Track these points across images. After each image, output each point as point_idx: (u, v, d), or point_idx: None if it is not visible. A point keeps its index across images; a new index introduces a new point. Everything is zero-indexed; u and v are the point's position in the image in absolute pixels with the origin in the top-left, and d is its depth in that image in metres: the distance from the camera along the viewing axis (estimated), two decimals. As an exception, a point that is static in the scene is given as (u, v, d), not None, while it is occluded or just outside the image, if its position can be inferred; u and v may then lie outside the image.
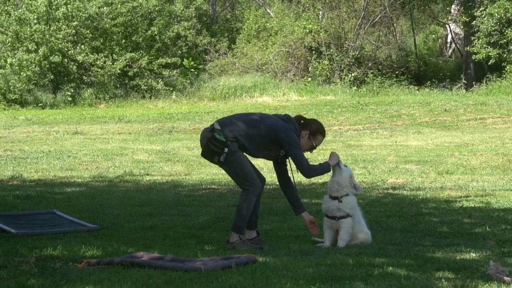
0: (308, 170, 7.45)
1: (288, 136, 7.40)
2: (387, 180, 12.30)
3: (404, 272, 6.23)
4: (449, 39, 38.84)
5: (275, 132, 7.41)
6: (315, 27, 33.30)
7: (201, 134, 7.54)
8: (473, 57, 32.55)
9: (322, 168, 7.54)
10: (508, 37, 31.46)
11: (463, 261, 6.73)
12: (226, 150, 7.33)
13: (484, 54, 31.66)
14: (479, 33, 32.21)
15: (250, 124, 7.44)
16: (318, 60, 33.22)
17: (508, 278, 5.97)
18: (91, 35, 31.29)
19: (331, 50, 33.17)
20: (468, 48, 32.99)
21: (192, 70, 32.79)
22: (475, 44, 32.25)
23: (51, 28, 30.44)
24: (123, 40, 31.96)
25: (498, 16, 31.48)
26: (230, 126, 7.42)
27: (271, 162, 7.81)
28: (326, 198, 7.66)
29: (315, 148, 7.66)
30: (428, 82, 32.68)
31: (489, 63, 31.98)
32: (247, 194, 7.44)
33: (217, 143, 7.33)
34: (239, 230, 7.48)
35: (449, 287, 5.83)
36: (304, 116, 7.80)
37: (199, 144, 7.65)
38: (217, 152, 7.36)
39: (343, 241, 7.53)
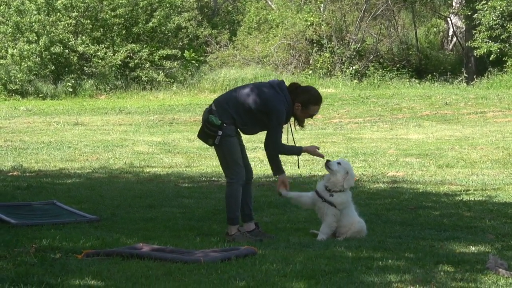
0: (276, 146, 7.42)
1: (276, 115, 7.36)
2: (387, 173, 12.29)
3: (403, 265, 6.23)
4: (450, 33, 38.76)
5: (268, 106, 7.37)
6: (317, 19, 33.23)
7: (202, 114, 7.61)
8: (474, 52, 32.38)
9: (290, 150, 7.54)
10: (510, 31, 31.34)
11: (463, 254, 6.73)
12: (219, 133, 7.36)
13: (485, 49, 31.54)
14: (480, 26, 32.07)
15: (245, 101, 7.42)
16: (319, 53, 33.16)
17: (507, 272, 5.97)
18: (91, 26, 31.26)
19: (333, 43, 33.12)
20: (469, 44, 32.86)
21: (193, 62, 32.74)
22: (476, 38, 32.11)
23: (51, 19, 30.40)
24: (124, 31, 31.91)
25: (501, 9, 31.36)
26: (225, 105, 7.45)
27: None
28: (322, 184, 7.61)
29: (313, 115, 7.66)
30: (429, 75, 32.60)
31: (491, 58, 31.85)
32: (231, 185, 7.50)
33: (211, 126, 7.39)
34: (233, 221, 7.51)
35: (449, 280, 5.83)
36: (300, 84, 7.71)
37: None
38: (211, 135, 7.41)
39: (323, 234, 7.51)
